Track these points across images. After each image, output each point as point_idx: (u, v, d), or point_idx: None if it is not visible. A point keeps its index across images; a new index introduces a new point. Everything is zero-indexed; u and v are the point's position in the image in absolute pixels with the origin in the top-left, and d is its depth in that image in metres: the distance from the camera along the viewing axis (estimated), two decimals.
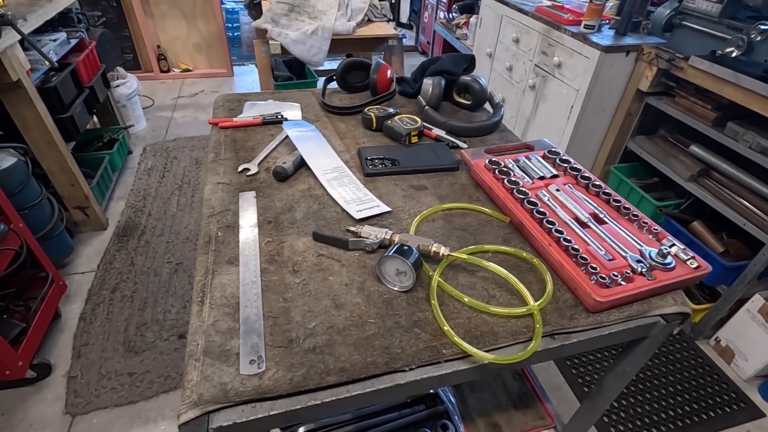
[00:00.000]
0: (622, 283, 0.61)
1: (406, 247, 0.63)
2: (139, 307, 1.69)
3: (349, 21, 2.06)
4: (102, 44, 2.31)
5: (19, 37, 1.46)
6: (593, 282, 0.61)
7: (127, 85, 2.70)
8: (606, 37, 1.83)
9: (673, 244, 0.68)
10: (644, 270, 0.63)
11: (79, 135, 1.95)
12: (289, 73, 3.03)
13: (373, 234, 0.69)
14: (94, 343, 1.56)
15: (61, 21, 2.06)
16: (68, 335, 1.58)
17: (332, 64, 3.82)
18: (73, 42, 2.02)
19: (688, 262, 0.65)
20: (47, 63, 1.70)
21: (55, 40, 1.87)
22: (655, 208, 1.80)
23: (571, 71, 1.96)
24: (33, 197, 1.59)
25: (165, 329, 1.62)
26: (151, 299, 1.73)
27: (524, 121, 2.39)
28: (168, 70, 3.58)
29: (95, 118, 2.54)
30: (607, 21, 1.96)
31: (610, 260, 0.65)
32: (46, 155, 1.75)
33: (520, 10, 2.25)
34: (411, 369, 0.54)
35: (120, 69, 2.74)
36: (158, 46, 3.47)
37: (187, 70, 3.64)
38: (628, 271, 0.63)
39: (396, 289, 0.63)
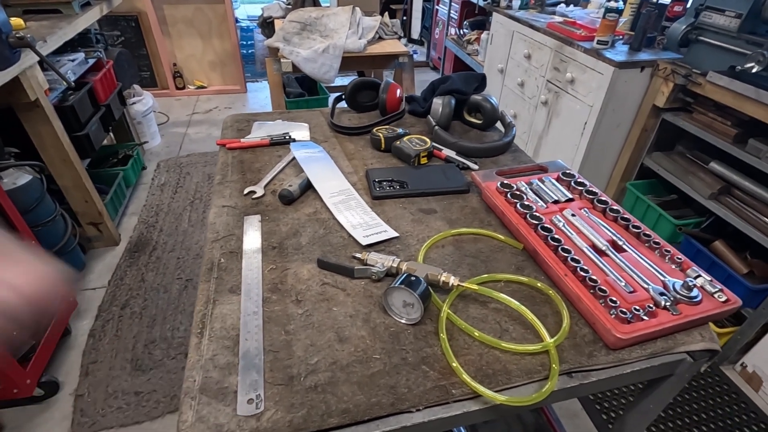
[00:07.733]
0: (645, 318, 0.57)
1: (413, 278, 0.60)
2: (148, 324, 1.69)
3: (360, 39, 2.07)
4: (119, 63, 2.37)
5: (38, 58, 1.50)
6: (613, 317, 0.57)
7: (142, 102, 2.76)
8: (620, 52, 1.80)
9: (699, 275, 0.64)
10: (668, 304, 0.59)
11: (95, 152, 1.99)
12: (301, 89, 3.06)
13: (379, 262, 0.66)
14: (102, 361, 1.55)
15: (80, 41, 2.11)
16: (77, 352, 1.58)
17: (344, 81, 3.85)
18: (91, 61, 2.07)
19: (715, 295, 0.61)
20: (65, 83, 1.74)
21: (73, 60, 1.92)
22: (675, 226, 1.74)
23: (584, 87, 1.93)
24: (47, 214, 1.61)
25: (173, 347, 1.60)
26: (160, 316, 1.72)
27: (536, 137, 2.35)
28: (183, 87, 3.65)
29: (111, 135, 2.59)
30: (621, 36, 1.94)
31: (630, 293, 0.61)
32: (62, 172, 1.77)
33: (532, 27, 2.23)
34: (418, 410, 0.51)
35: (136, 87, 2.80)
36: (174, 64, 3.55)
37: (202, 87, 3.71)
38: (651, 305, 0.59)
39: (403, 321, 0.60)
